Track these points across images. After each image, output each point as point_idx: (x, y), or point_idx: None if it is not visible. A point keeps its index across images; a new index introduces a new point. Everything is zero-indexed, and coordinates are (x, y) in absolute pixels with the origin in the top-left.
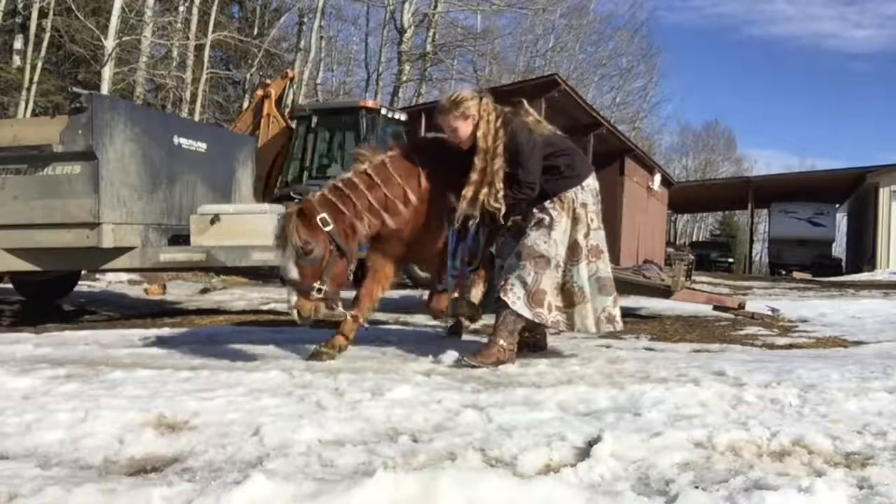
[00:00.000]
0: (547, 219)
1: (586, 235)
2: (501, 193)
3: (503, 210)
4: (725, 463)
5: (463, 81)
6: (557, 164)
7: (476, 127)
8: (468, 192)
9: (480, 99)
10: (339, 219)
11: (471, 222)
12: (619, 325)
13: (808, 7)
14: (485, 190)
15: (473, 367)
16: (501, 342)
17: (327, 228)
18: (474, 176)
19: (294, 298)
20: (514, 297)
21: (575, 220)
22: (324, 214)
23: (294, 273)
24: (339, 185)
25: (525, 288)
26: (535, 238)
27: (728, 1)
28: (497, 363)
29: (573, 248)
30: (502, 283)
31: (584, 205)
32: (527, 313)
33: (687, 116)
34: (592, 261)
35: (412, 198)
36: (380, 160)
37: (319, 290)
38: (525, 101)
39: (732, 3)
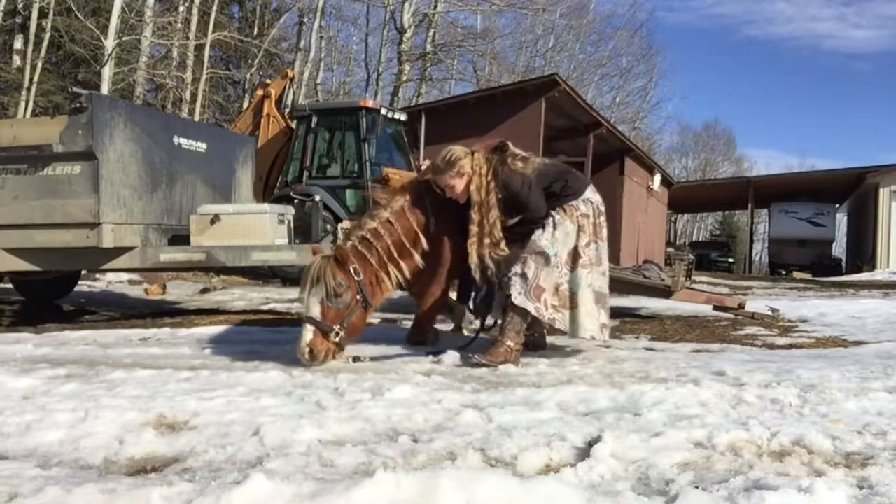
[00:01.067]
0: (551, 219)
1: (587, 245)
2: (503, 244)
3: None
4: (725, 463)
5: (463, 81)
6: (554, 189)
7: (469, 182)
8: (472, 244)
9: (472, 155)
10: (368, 270)
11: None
12: (606, 338)
13: (807, 7)
14: (487, 241)
15: (483, 365)
16: (509, 343)
17: (358, 279)
18: (474, 228)
19: (309, 337)
20: (516, 292)
21: (579, 227)
22: (357, 265)
23: (317, 311)
24: (368, 236)
25: (526, 282)
26: (538, 234)
27: (727, 1)
28: (504, 363)
29: (574, 255)
30: (506, 279)
31: (586, 216)
32: (529, 306)
33: (687, 116)
34: (591, 271)
35: (422, 241)
36: (399, 206)
37: (337, 334)
38: (510, 143)
39: (731, 3)
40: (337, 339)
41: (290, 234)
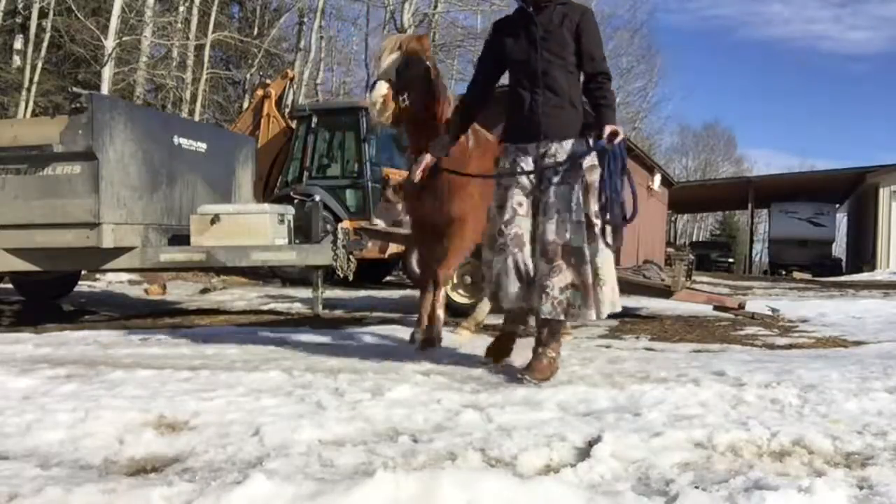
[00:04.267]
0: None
1: None
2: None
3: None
4: (725, 463)
5: (463, 81)
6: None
7: None
8: None
9: None
10: (436, 73)
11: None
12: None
13: (804, 9)
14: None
15: (534, 383)
16: (551, 354)
17: (429, 63)
18: None
19: (384, 90)
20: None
21: None
22: (433, 62)
23: (393, 73)
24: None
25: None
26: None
27: (724, 3)
28: (551, 376)
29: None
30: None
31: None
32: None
33: (687, 116)
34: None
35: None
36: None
37: (404, 101)
38: None
39: (729, 5)
40: (403, 105)
41: (290, 234)
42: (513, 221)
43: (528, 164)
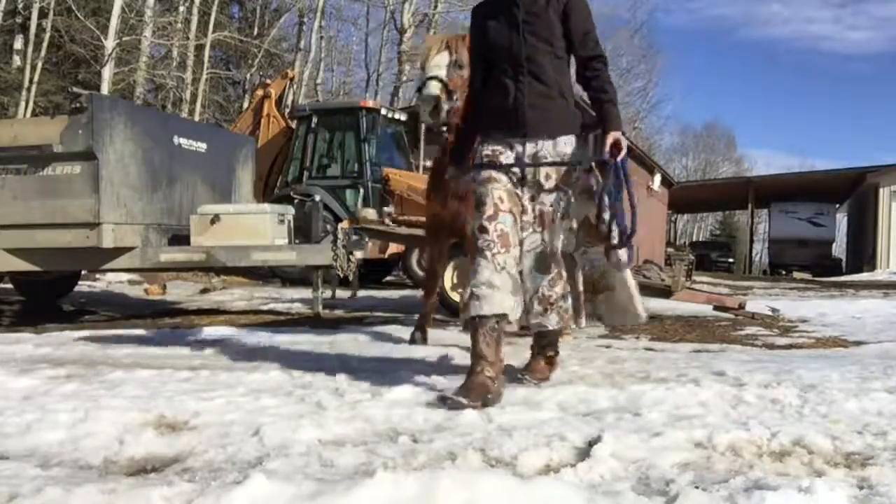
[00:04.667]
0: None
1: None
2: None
3: None
4: (725, 463)
5: None
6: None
7: None
8: None
9: None
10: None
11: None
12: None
13: (803, 9)
14: None
15: (534, 384)
16: (551, 353)
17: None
18: None
19: (436, 91)
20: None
21: None
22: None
23: (443, 73)
24: None
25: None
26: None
27: (724, 3)
28: (550, 377)
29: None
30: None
31: None
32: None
33: (687, 116)
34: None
35: None
36: None
37: (457, 100)
38: None
39: (729, 5)
40: (455, 104)
41: (290, 234)
42: (496, 217)
43: (509, 159)
